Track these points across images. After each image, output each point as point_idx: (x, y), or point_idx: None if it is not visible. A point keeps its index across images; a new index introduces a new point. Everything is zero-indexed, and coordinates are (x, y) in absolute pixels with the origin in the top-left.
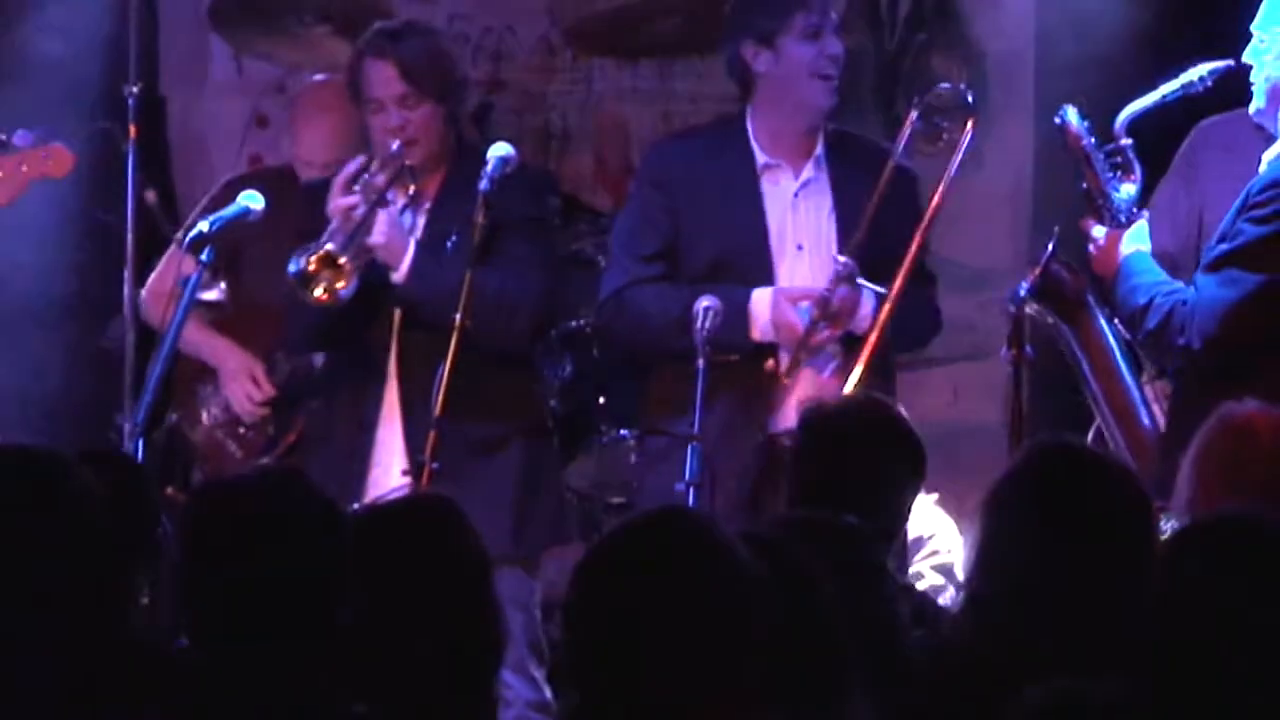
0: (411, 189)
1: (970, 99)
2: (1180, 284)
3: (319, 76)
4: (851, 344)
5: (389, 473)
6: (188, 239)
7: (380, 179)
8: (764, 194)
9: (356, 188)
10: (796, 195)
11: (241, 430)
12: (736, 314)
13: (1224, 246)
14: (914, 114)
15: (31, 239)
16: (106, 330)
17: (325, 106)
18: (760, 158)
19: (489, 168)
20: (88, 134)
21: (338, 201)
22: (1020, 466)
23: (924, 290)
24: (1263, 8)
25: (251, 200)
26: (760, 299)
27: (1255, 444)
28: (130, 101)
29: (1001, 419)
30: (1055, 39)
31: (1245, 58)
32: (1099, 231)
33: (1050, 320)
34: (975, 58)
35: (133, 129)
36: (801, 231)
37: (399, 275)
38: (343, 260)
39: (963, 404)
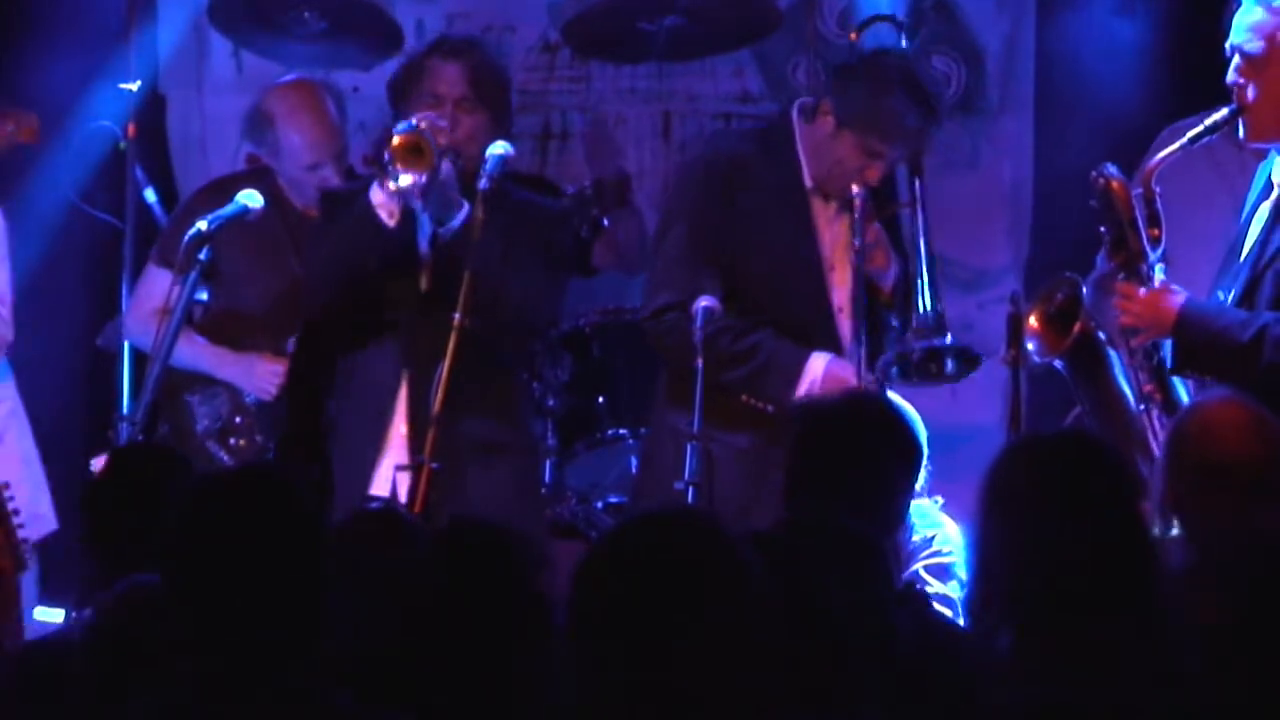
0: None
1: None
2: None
3: (289, 77)
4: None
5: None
6: (187, 238)
7: (443, 138)
8: (815, 212)
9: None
10: (834, 216)
11: (232, 440)
12: (787, 369)
13: None
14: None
15: (30, 236)
16: (104, 330)
17: (303, 107)
18: (807, 180)
19: (488, 166)
20: (88, 132)
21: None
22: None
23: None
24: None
25: (249, 199)
26: (815, 363)
27: (1225, 434)
28: (130, 100)
29: (1000, 419)
30: (1055, 36)
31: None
32: (1132, 290)
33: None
34: (975, 55)
35: (132, 128)
36: (833, 249)
37: (449, 228)
38: (426, 146)
39: (961, 404)
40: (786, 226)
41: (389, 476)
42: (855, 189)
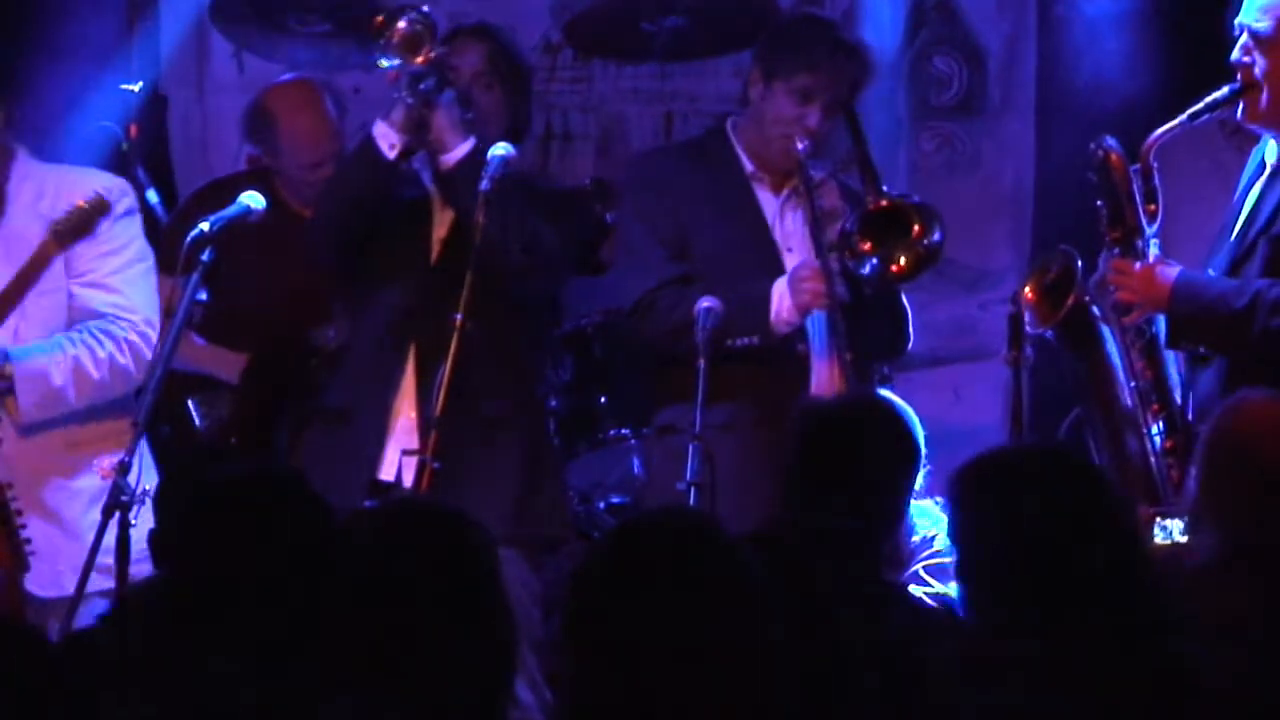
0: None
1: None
2: (1262, 280)
3: (288, 76)
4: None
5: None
6: (189, 239)
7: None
8: (760, 198)
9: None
10: (782, 204)
11: (234, 440)
12: (754, 302)
13: None
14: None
15: None
16: None
17: (307, 106)
18: (748, 165)
19: (489, 168)
20: (90, 133)
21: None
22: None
23: (888, 298)
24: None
25: (252, 200)
26: (779, 282)
27: (1262, 431)
28: (132, 100)
29: (1002, 419)
30: (1056, 37)
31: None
32: (1128, 266)
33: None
34: (977, 56)
35: (134, 128)
36: (789, 237)
37: (451, 157)
38: (424, 43)
39: (964, 404)
40: (731, 212)
41: (395, 461)
42: (799, 145)
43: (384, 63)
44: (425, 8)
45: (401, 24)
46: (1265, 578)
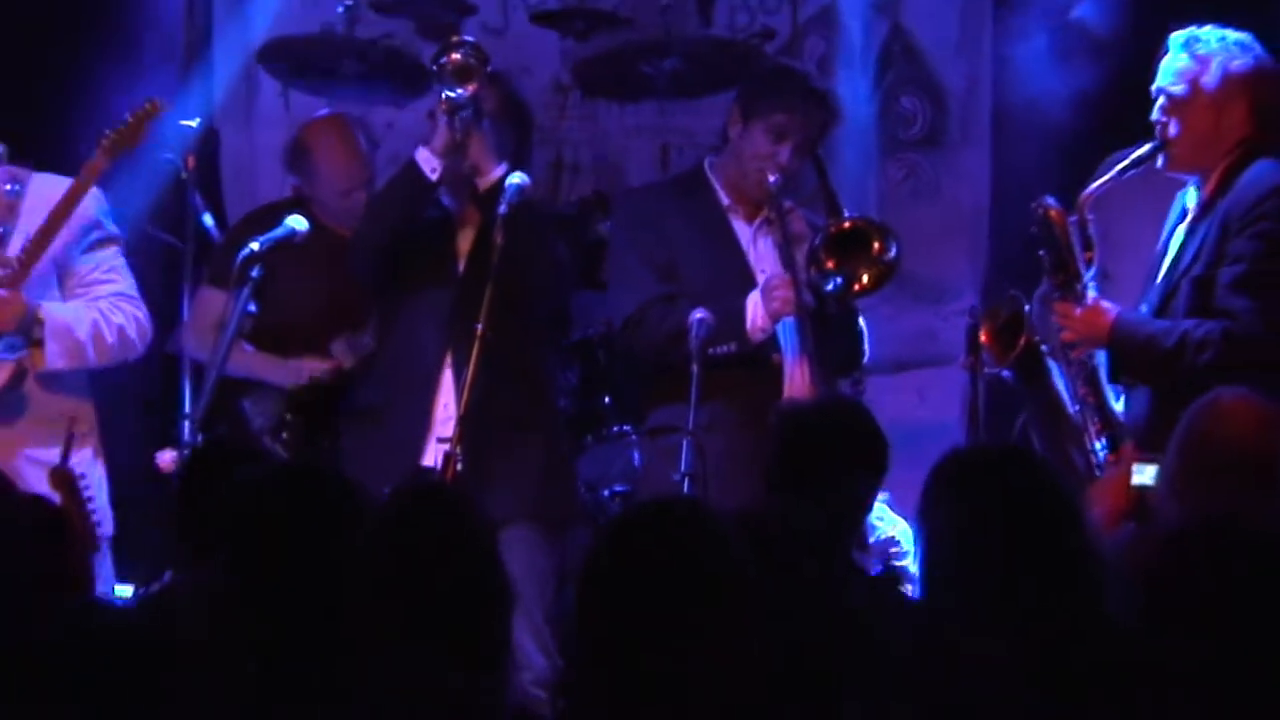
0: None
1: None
2: (1187, 320)
3: (322, 112)
4: None
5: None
6: (240, 257)
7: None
8: (735, 228)
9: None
10: (754, 232)
11: (284, 435)
12: (732, 314)
13: (1240, 268)
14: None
15: None
16: (172, 337)
17: (339, 139)
18: (724, 199)
19: (507, 195)
20: (154, 163)
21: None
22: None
23: (847, 319)
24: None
25: (296, 223)
26: (751, 294)
27: (1229, 425)
28: (190, 135)
29: (961, 418)
30: (1010, 76)
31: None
32: (1069, 309)
33: (1022, 386)
34: (939, 95)
35: (191, 160)
36: (762, 260)
37: (487, 180)
38: (475, 69)
39: (927, 405)
40: (712, 240)
41: (435, 449)
42: (771, 178)
43: (456, 92)
44: (468, 40)
45: (456, 55)
46: (1219, 559)
